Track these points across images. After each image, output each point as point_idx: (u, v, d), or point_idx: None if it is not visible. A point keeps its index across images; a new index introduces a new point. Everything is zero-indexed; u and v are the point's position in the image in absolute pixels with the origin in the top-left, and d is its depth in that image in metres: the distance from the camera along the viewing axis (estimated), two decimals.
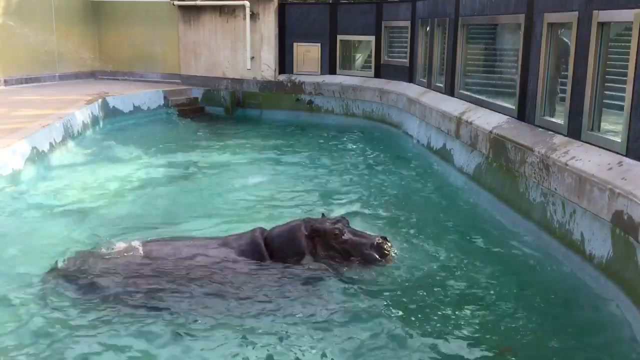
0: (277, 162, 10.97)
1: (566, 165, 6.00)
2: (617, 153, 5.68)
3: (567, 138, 6.61)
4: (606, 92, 6.20)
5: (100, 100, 13.55)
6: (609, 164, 5.55)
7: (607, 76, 6.16)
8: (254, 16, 16.17)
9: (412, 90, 12.87)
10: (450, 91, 10.81)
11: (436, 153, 10.54)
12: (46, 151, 9.64)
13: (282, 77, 16.31)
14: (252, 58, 16.39)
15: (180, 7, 17.20)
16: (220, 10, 16.75)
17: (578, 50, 6.48)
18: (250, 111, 16.62)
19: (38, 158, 9.22)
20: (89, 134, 12.25)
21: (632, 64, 5.45)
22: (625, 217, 4.96)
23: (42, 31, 16.50)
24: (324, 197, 8.51)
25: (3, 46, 15.49)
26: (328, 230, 5.60)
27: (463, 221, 7.45)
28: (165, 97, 15.91)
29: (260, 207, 7.91)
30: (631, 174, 5.22)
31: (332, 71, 15.97)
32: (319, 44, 16.01)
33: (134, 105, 14.88)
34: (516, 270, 5.99)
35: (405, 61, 14.15)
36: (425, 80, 12.58)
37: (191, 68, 17.53)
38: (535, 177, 6.67)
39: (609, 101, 6.18)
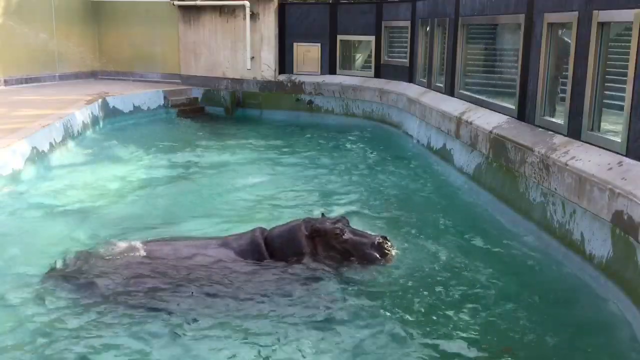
0: (277, 162, 10.97)
1: (566, 165, 6.01)
2: (617, 153, 5.68)
3: (567, 138, 6.61)
4: (606, 92, 6.20)
5: (100, 100, 13.55)
6: (609, 164, 5.55)
7: (607, 76, 6.16)
8: (254, 16, 16.17)
9: (412, 90, 12.87)
10: (450, 91, 10.81)
11: (436, 153, 10.54)
12: (46, 151, 9.64)
13: (282, 77, 16.31)
14: (252, 58, 16.39)
15: (180, 7, 17.20)
16: (220, 10, 16.75)
17: (578, 50, 6.48)
18: (250, 111, 16.61)
19: (38, 158, 9.22)
20: (89, 134, 12.25)
21: (632, 64, 5.45)
22: (625, 217, 4.96)
23: (42, 31, 16.50)
24: (324, 197, 8.51)
25: (3, 46, 15.50)
26: (329, 230, 5.59)
27: (463, 221, 7.45)
28: (165, 97, 15.91)
29: (260, 207, 7.91)
30: (631, 174, 5.22)
31: (332, 71, 15.97)
32: (319, 44, 16.00)
33: (134, 105, 14.88)
34: (516, 270, 5.99)
35: (405, 61, 14.15)
36: (425, 80, 12.58)
37: (191, 68, 17.53)
38: (535, 177, 6.67)
39: (609, 101, 6.18)
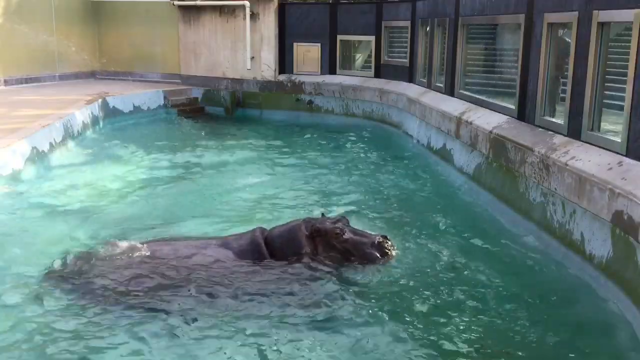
0: (277, 162, 10.96)
1: (566, 165, 6.00)
2: (617, 153, 5.68)
3: (567, 138, 6.61)
4: (606, 92, 6.20)
5: (100, 100, 13.54)
6: (609, 164, 5.55)
7: (607, 76, 6.16)
8: (254, 16, 16.17)
9: (412, 90, 12.87)
10: (450, 91, 10.81)
11: (436, 153, 10.54)
12: (46, 151, 9.64)
13: (282, 77, 16.31)
14: (252, 58, 16.39)
15: (180, 7, 17.20)
16: (220, 10, 16.74)
17: (578, 50, 6.48)
18: (250, 111, 16.61)
19: (38, 158, 9.22)
20: (89, 134, 12.25)
21: (632, 64, 5.45)
22: (625, 217, 4.96)
23: (42, 31, 16.50)
24: (324, 197, 8.51)
25: (3, 46, 15.49)
26: (329, 229, 5.60)
27: (463, 221, 7.45)
28: (165, 97, 15.91)
29: (260, 207, 7.91)
30: (631, 174, 5.22)
31: (332, 71, 15.97)
32: (319, 44, 16.00)
33: (134, 105, 14.88)
34: (516, 270, 5.99)
35: (405, 61, 14.15)
36: (425, 80, 12.58)
37: (191, 68, 17.52)
38: (535, 177, 6.67)
39: (609, 101, 6.18)
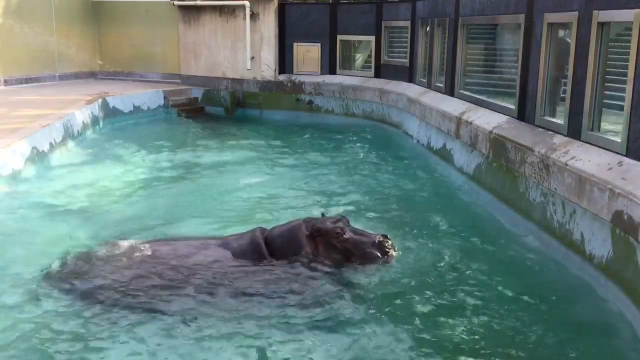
0: (277, 162, 10.97)
1: (566, 165, 6.01)
2: (617, 153, 5.68)
3: (567, 138, 6.61)
4: (606, 92, 6.21)
5: (100, 100, 13.55)
6: (609, 164, 5.55)
7: (607, 76, 6.16)
8: (254, 16, 16.17)
9: (412, 90, 12.87)
10: (450, 91, 10.81)
11: (436, 153, 10.54)
12: (46, 151, 9.64)
13: (282, 77, 16.31)
14: (252, 58, 16.39)
15: (180, 7, 17.21)
16: (220, 10, 16.75)
17: (578, 50, 6.48)
18: (250, 111, 16.62)
19: (38, 158, 9.22)
20: (89, 134, 12.25)
21: (632, 64, 5.45)
22: (625, 217, 4.96)
23: (42, 31, 16.50)
24: (324, 197, 8.51)
25: (3, 46, 15.50)
26: (330, 229, 5.59)
27: (463, 221, 7.45)
28: (165, 97, 15.92)
29: (260, 207, 7.91)
30: (631, 174, 5.22)
31: (332, 71, 15.97)
32: (319, 44, 16.01)
33: (134, 105, 14.89)
34: (516, 270, 5.99)
35: (405, 61, 14.15)
36: (425, 80, 12.58)
37: (191, 68, 17.53)
38: (535, 177, 6.67)
39: (609, 101, 6.18)
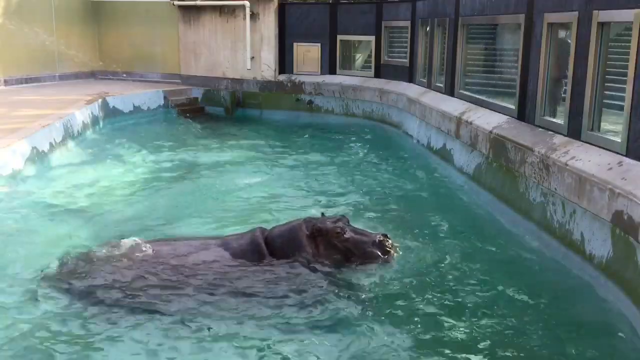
0: (277, 162, 10.97)
1: (566, 165, 6.01)
2: (617, 153, 5.68)
3: (567, 138, 6.61)
4: (606, 92, 6.21)
5: (100, 100, 13.54)
6: (609, 164, 5.55)
7: (607, 76, 6.16)
8: (254, 16, 16.17)
9: (412, 90, 12.87)
10: (450, 91, 10.81)
11: (436, 153, 10.54)
12: (46, 151, 9.63)
13: (282, 77, 16.31)
14: (252, 58, 16.39)
15: (180, 7, 17.20)
16: (220, 10, 16.75)
17: (578, 50, 6.48)
18: (250, 111, 16.61)
19: (38, 158, 9.22)
20: (89, 134, 12.24)
21: (632, 64, 5.45)
22: (625, 217, 4.96)
23: (42, 31, 16.48)
24: (324, 197, 8.51)
25: (3, 46, 15.49)
26: (330, 229, 5.59)
27: (463, 221, 7.45)
28: (165, 97, 15.91)
29: (260, 207, 7.92)
30: (631, 174, 5.22)
31: (332, 71, 15.97)
32: (319, 44, 16.01)
33: (134, 105, 14.88)
34: (516, 270, 5.99)
35: (405, 61, 14.15)
36: (425, 80, 12.58)
37: (191, 68, 17.52)
38: (535, 177, 6.67)
39: (609, 101, 6.18)
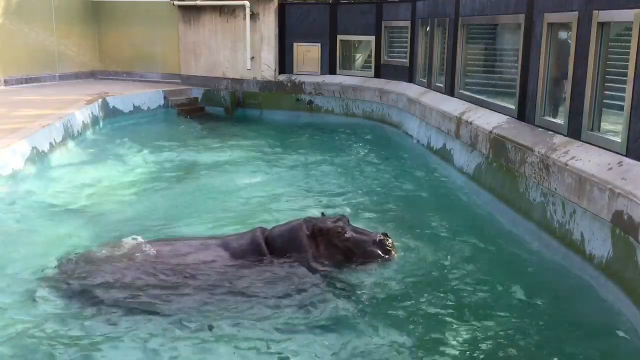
0: (277, 162, 10.97)
1: (566, 165, 6.01)
2: (617, 153, 5.68)
3: (567, 138, 6.61)
4: (606, 92, 6.21)
5: (100, 100, 13.55)
6: (609, 164, 5.55)
7: (607, 76, 6.16)
8: (254, 16, 16.17)
9: (412, 90, 12.87)
10: (450, 91, 10.81)
11: (436, 153, 10.54)
12: (46, 151, 9.63)
13: (282, 77, 16.31)
14: (252, 58, 16.39)
15: (180, 7, 17.20)
16: (220, 10, 16.74)
17: (578, 50, 6.48)
18: (250, 111, 16.61)
19: (38, 158, 9.22)
20: (89, 134, 12.25)
21: (632, 64, 5.45)
22: (625, 217, 4.96)
23: (42, 31, 16.50)
24: (324, 197, 8.51)
25: (3, 46, 15.49)
26: (331, 228, 5.60)
27: (462, 221, 7.45)
28: (165, 97, 15.91)
29: (260, 207, 7.91)
30: (631, 174, 5.22)
31: (332, 71, 15.97)
32: (319, 44, 16.00)
33: (134, 105, 14.88)
34: (516, 270, 5.99)
35: (405, 61, 14.15)
36: (425, 80, 12.58)
37: (191, 68, 17.53)
38: (535, 177, 6.67)
39: (609, 101, 6.18)
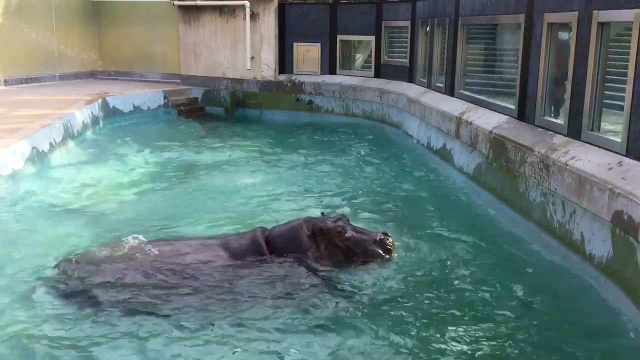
0: (277, 162, 10.97)
1: (566, 165, 6.01)
2: (617, 153, 5.69)
3: (567, 138, 6.61)
4: (606, 92, 6.21)
5: (100, 100, 13.54)
6: (609, 164, 5.55)
7: (607, 76, 6.16)
8: (254, 16, 16.17)
9: (412, 90, 12.87)
10: (450, 91, 10.81)
11: (436, 153, 10.54)
12: (46, 151, 9.64)
13: (282, 77, 16.31)
14: (252, 58, 16.39)
15: (180, 7, 17.20)
16: (220, 10, 16.74)
17: (578, 50, 6.48)
18: (250, 111, 16.61)
19: (38, 158, 9.22)
20: (89, 134, 12.25)
21: (632, 64, 5.45)
22: (625, 217, 4.96)
23: (42, 31, 16.49)
24: (324, 197, 8.52)
25: (3, 46, 15.49)
26: (331, 228, 5.60)
27: (463, 221, 7.45)
28: (165, 97, 15.91)
29: (260, 207, 7.91)
30: (631, 174, 5.22)
31: (332, 71, 15.97)
32: (319, 44, 16.00)
33: (134, 105, 14.87)
34: (516, 270, 5.99)
35: (405, 61, 14.15)
36: (425, 80, 12.58)
37: (191, 68, 17.52)
38: (535, 177, 6.68)
39: (609, 101, 6.18)
